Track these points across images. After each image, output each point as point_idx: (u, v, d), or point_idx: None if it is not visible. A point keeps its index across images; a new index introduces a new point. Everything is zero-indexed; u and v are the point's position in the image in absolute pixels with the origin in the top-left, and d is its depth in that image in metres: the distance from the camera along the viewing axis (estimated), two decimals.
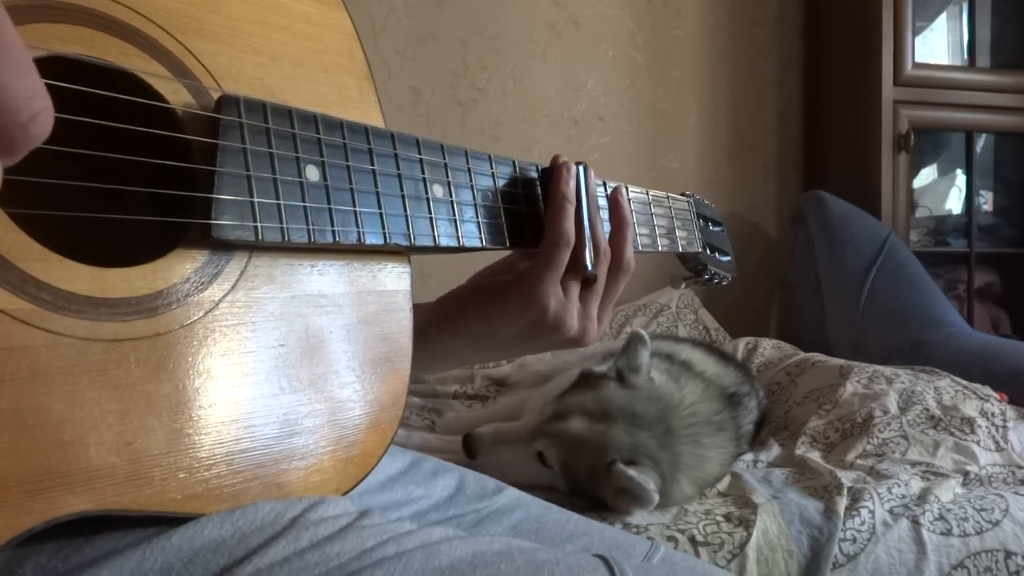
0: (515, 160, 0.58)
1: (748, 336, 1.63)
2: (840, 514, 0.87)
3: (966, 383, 1.25)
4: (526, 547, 0.44)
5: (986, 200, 2.22)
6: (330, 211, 0.44)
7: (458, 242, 0.52)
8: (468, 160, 0.54)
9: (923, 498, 0.92)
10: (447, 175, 0.52)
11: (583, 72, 2.01)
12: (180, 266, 0.39)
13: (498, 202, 0.56)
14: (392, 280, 0.50)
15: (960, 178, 2.16)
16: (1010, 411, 1.18)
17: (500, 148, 1.41)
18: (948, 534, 0.87)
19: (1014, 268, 2.15)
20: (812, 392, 1.26)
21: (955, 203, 2.18)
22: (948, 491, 0.95)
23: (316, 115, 0.44)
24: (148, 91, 0.40)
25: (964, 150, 2.10)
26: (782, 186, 2.21)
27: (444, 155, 0.52)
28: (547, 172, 0.59)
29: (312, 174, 0.44)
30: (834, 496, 0.90)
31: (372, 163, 0.47)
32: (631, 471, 0.84)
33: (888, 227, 1.87)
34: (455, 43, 1.91)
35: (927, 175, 2.20)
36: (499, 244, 0.55)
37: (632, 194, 0.67)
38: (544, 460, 0.92)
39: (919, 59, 1.94)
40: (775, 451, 1.13)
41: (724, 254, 0.84)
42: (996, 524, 0.88)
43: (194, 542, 0.37)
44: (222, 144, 0.40)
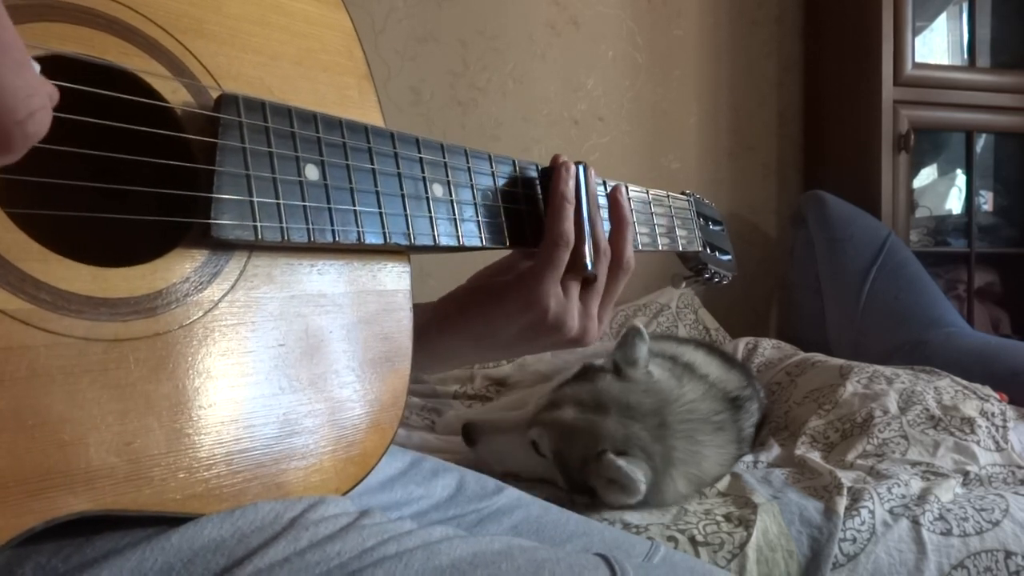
0: (515, 159, 0.58)
1: (748, 336, 1.63)
2: (840, 514, 0.87)
3: (966, 383, 1.25)
4: (527, 546, 0.44)
5: (986, 200, 2.22)
6: (330, 210, 0.44)
7: (458, 241, 0.52)
8: (468, 159, 0.54)
9: (923, 498, 0.92)
10: (447, 174, 0.52)
11: (583, 72, 2.01)
12: (179, 266, 0.39)
13: (498, 201, 0.56)
14: (392, 280, 0.50)
15: (960, 178, 2.15)
16: (1010, 411, 1.18)
17: (500, 148, 1.41)
18: (948, 534, 0.87)
19: (1014, 268, 2.15)
20: (812, 392, 1.26)
21: (955, 203, 2.18)
22: (948, 491, 0.95)
23: (316, 114, 0.44)
24: (148, 90, 0.40)
25: (964, 150, 2.10)
26: (782, 186, 2.21)
27: (444, 154, 0.52)
28: (547, 172, 0.59)
29: (312, 173, 0.43)
30: (834, 496, 0.90)
31: (372, 162, 0.47)
32: (620, 461, 0.84)
33: (888, 227, 1.86)
34: (455, 43, 1.91)
35: (927, 175, 2.20)
36: (499, 243, 0.55)
37: (632, 193, 0.67)
38: (538, 449, 0.92)
39: (919, 59, 1.94)
40: (775, 451, 1.13)
41: (724, 253, 0.83)
42: (996, 524, 0.88)
43: (194, 542, 0.36)
44: (221, 143, 0.40)
